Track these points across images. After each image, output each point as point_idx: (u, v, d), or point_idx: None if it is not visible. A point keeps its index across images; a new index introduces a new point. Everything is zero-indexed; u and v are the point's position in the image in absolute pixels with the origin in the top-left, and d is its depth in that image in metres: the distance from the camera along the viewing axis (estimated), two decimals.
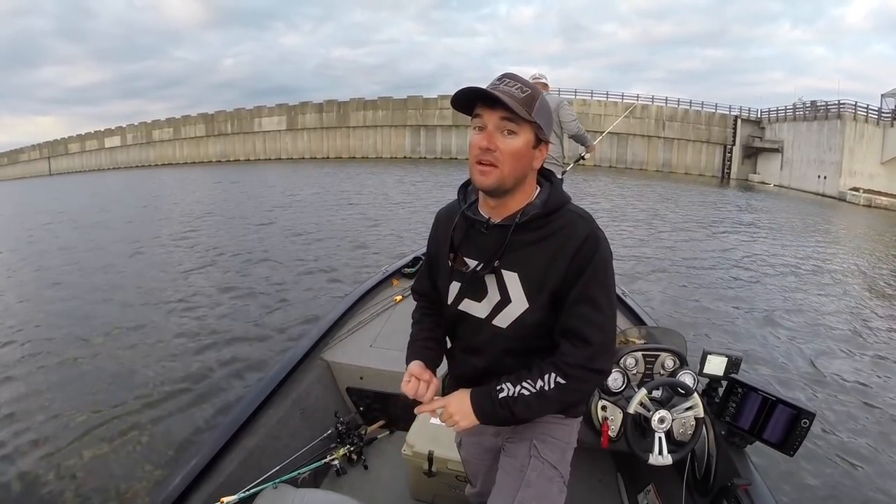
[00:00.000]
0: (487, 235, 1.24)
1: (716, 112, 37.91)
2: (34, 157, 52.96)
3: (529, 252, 1.20)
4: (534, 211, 1.21)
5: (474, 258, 1.26)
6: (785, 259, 10.13)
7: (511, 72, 1.17)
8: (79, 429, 3.78)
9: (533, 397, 1.18)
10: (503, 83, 1.14)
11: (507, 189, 1.18)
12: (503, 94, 1.11)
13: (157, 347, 5.23)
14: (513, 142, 1.14)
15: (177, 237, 11.38)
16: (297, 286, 7.37)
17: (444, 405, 1.25)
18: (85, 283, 7.90)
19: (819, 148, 29.76)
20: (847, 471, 3.48)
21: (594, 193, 19.80)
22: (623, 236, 11.29)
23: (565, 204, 1.22)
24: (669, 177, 34.33)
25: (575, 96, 38.10)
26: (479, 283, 1.26)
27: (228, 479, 1.86)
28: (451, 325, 1.38)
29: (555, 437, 1.37)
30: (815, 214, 19.23)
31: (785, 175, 32.73)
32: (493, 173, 1.15)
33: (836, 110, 29.12)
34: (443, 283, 1.34)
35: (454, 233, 1.30)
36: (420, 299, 1.50)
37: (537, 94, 1.16)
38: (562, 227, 1.19)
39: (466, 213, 1.28)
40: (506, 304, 1.23)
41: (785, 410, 1.76)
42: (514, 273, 1.21)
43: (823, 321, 6.50)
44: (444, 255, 1.32)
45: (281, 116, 45.71)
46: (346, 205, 15.81)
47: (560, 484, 1.35)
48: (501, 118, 1.13)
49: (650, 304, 6.26)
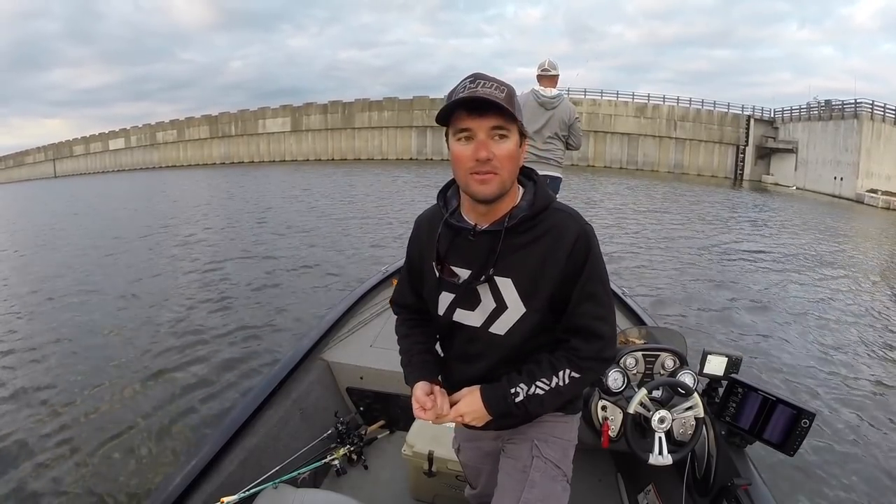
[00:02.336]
0: (475, 243, 1.20)
1: (728, 112, 37.34)
2: (39, 159, 53.21)
3: (521, 256, 1.17)
4: (521, 213, 1.18)
5: (464, 267, 1.23)
6: (789, 260, 10.09)
7: (480, 72, 1.11)
8: (78, 429, 3.79)
9: (547, 395, 1.18)
10: (479, 86, 1.07)
11: (503, 193, 1.15)
12: (504, 100, 1.07)
13: (156, 347, 5.24)
14: (506, 145, 1.11)
15: (183, 237, 11.42)
16: (299, 286, 7.39)
17: (460, 413, 1.23)
18: (84, 283, 7.94)
19: (835, 148, 29.00)
20: (847, 471, 3.47)
21: (599, 200, 19.71)
22: (623, 236, 11.29)
23: (551, 203, 1.20)
24: (681, 178, 33.82)
25: (584, 96, 37.55)
26: (472, 293, 1.22)
27: (228, 479, 1.85)
28: (444, 335, 1.35)
29: (556, 435, 1.36)
30: (828, 216, 18.76)
31: (800, 176, 32.00)
32: (494, 181, 1.11)
33: (852, 110, 28.41)
34: (430, 293, 1.30)
35: (439, 242, 1.25)
36: (401, 311, 1.45)
37: (513, 91, 1.11)
38: (551, 228, 1.17)
39: (450, 220, 1.23)
40: (502, 310, 1.21)
41: (785, 410, 1.75)
42: (507, 279, 1.18)
43: (824, 322, 6.48)
44: (428, 265, 1.28)
45: (285, 118, 45.62)
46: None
47: (564, 483, 1.35)
48: (493, 126, 1.09)
49: (650, 304, 6.25)
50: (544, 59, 4.05)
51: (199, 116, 48.33)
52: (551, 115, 4.03)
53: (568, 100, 4.18)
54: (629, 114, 38.39)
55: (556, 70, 4.06)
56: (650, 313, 3.09)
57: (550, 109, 4.02)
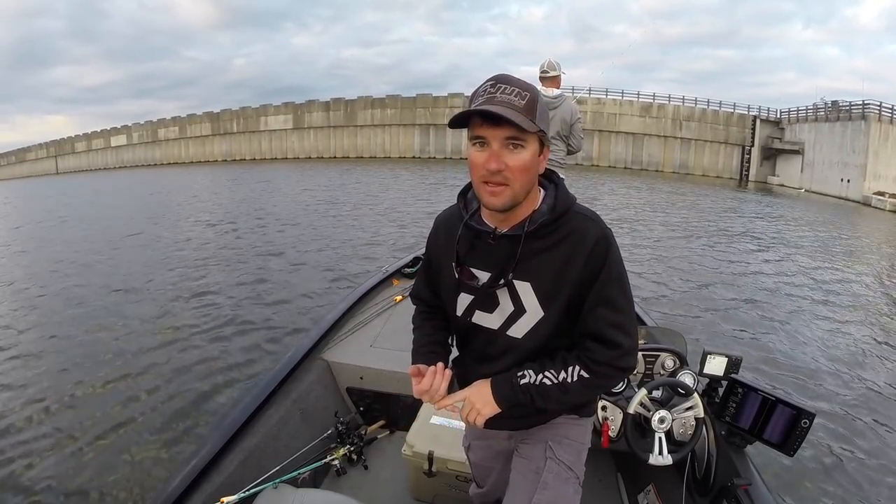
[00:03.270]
0: (495, 246, 1.19)
1: (734, 112, 36.59)
2: (41, 155, 53.19)
3: (541, 260, 1.16)
4: (542, 218, 1.16)
5: (483, 270, 1.22)
6: (790, 260, 10.08)
7: (503, 74, 1.09)
8: (78, 428, 3.80)
9: (554, 388, 1.16)
10: (499, 91, 1.05)
11: (517, 204, 1.13)
12: (506, 109, 1.02)
13: (155, 347, 5.25)
14: (521, 155, 1.07)
15: (184, 238, 11.45)
16: (299, 286, 7.40)
17: (466, 396, 1.22)
18: (83, 283, 7.96)
19: (842, 150, 28.35)
20: (847, 471, 3.47)
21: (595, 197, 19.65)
22: (624, 237, 11.28)
23: (572, 206, 1.18)
24: (686, 178, 33.35)
25: (589, 94, 36.42)
26: (491, 295, 1.21)
27: (228, 479, 1.86)
28: (462, 336, 1.34)
29: (570, 437, 1.35)
30: (832, 219, 18.44)
31: (806, 178, 31.39)
32: (504, 193, 1.09)
33: (860, 111, 27.71)
34: (448, 294, 1.29)
35: (458, 245, 1.24)
36: (419, 304, 1.45)
37: (536, 95, 1.07)
38: (571, 232, 1.14)
39: (470, 223, 1.22)
40: (520, 314, 1.19)
41: (785, 410, 1.75)
42: (526, 283, 1.17)
43: (825, 323, 6.48)
44: (446, 265, 1.27)
45: (287, 115, 45.38)
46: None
47: (576, 485, 1.34)
48: (507, 137, 1.05)
49: (650, 304, 6.25)
50: (545, 60, 4.03)
51: (200, 113, 48.19)
52: (553, 116, 4.03)
53: (570, 100, 4.15)
54: (634, 113, 37.94)
55: (557, 70, 4.05)
56: (650, 313, 3.08)
57: (552, 110, 4.02)
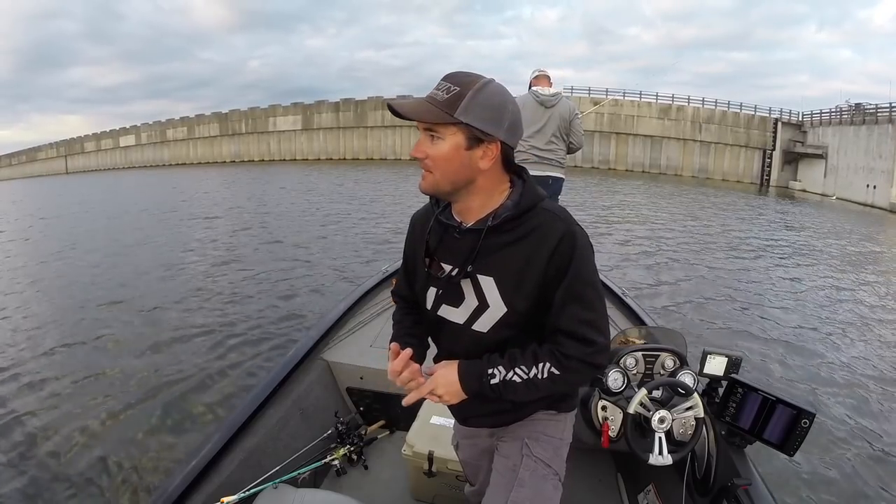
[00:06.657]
0: (461, 240, 1.22)
1: (755, 114, 35.46)
2: (52, 155, 53.82)
3: (504, 255, 1.17)
4: (506, 213, 1.18)
5: (449, 263, 1.24)
6: (791, 262, 10.02)
7: (456, 71, 1.14)
8: (78, 428, 3.82)
9: (523, 384, 1.16)
10: (435, 86, 1.13)
11: (445, 192, 1.18)
12: (415, 104, 1.12)
13: (155, 347, 5.27)
14: (439, 146, 1.12)
15: (187, 237, 11.52)
16: (299, 286, 7.43)
17: (433, 386, 1.22)
18: (82, 283, 8.02)
19: (868, 155, 26.95)
20: (847, 471, 3.45)
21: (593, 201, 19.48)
22: (625, 237, 11.27)
23: (539, 202, 1.18)
24: (706, 183, 32.24)
25: (606, 95, 35.62)
26: (456, 289, 1.24)
27: (228, 479, 1.87)
28: (433, 330, 1.36)
29: (547, 434, 1.36)
30: (856, 226, 17.54)
31: (829, 183, 29.98)
32: (427, 178, 1.16)
33: (886, 114, 26.32)
34: (420, 288, 1.33)
35: (429, 237, 1.28)
36: (400, 301, 1.50)
37: (465, 92, 1.08)
38: (536, 228, 1.15)
39: (440, 217, 1.27)
40: (484, 308, 1.21)
41: (785, 410, 1.73)
42: (489, 277, 1.19)
43: (825, 323, 6.44)
44: (420, 260, 1.30)
45: (296, 116, 45.15)
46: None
47: (555, 481, 1.34)
48: (425, 128, 1.13)
49: (650, 304, 6.21)
50: (534, 69, 4.19)
51: (209, 114, 48.34)
52: (551, 114, 4.02)
53: (567, 99, 4.20)
54: (652, 115, 36.94)
55: (540, 72, 4.18)
56: (650, 313, 3.07)
57: (550, 108, 4.02)
